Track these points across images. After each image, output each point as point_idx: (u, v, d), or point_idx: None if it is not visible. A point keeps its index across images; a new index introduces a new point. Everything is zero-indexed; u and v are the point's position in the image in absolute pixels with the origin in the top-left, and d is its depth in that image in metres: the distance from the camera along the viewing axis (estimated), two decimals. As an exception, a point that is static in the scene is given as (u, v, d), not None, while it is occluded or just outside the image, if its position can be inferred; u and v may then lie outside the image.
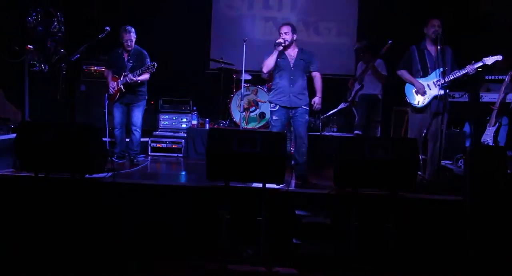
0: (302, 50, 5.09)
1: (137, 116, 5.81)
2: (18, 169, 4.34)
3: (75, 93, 7.12)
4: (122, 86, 5.65)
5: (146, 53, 5.79)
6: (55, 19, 5.88)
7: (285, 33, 4.94)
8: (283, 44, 4.90)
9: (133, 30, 5.69)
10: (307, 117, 5.09)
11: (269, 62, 4.95)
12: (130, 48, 5.72)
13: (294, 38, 5.01)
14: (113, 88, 5.70)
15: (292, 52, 5.04)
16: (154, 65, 5.52)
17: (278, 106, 5.00)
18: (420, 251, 4.10)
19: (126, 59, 5.74)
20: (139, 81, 5.64)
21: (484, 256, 3.94)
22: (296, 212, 4.19)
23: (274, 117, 5.05)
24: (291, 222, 4.17)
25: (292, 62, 5.00)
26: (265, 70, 5.04)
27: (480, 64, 4.79)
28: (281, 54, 5.00)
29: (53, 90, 6.04)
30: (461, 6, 7.43)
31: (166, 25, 7.21)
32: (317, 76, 5.11)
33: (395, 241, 3.93)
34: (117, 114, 5.80)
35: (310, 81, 5.09)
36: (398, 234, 3.96)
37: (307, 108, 5.06)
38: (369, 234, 4.04)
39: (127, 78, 5.59)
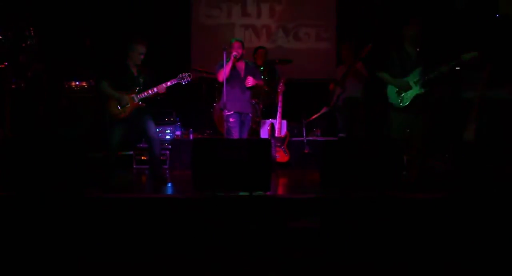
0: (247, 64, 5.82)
1: (155, 129, 5.46)
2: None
3: (58, 108, 7.07)
4: (139, 102, 5.22)
5: None
6: (27, 34, 5.74)
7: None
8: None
9: None
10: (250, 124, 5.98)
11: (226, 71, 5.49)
12: (140, 61, 5.32)
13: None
14: (128, 102, 5.18)
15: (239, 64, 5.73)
16: (190, 75, 5.26)
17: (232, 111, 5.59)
18: (407, 248, 4.13)
19: (136, 74, 5.29)
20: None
21: (471, 250, 3.99)
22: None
23: (231, 120, 5.58)
24: (280, 228, 4.18)
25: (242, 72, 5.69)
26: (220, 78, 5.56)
27: (458, 61, 4.87)
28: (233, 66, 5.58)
29: (35, 106, 5.95)
30: (437, 6, 7.55)
31: (145, 36, 7.20)
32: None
33: (384, 240, 3.96)
34: (118, 133, 5.24)
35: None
36: (386, 233, 3.99)
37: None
38: (358, 235, 4.06)
39: (158, 88, 5.18)
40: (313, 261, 3.97)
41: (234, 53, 5.49)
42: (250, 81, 5.58)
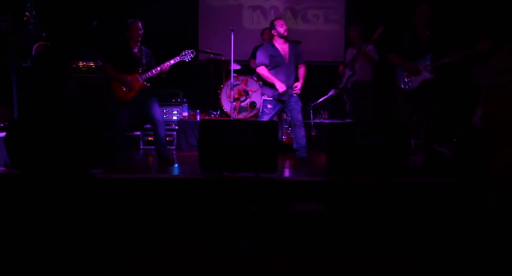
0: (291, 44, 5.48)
1: (160, 110, 5.49)
2: (10, 168, 4.31)
3: (65, 89, 7.05)
4: (145, 82, 5.26)
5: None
6: (28, 14, 5.67)
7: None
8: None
9: None
10: (300, 104, 5.48)
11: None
12: (140, 39, 5.33)
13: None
14: (132, 83, 5.23)
15: (284, 47, 5.42)
16: (193, 52, 5.22)
17: (272, 97, 5.35)
18: (414, 234, 4.13)
19: (138, 55, 5.32)
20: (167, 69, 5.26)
21: (474, 236, 3.99)
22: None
23: (269, 106, 5.33)
24: (285, 211, 4.18)
25: (287, 57, 5.38)
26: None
27: (471, 49, 4.81)
28: (275, 50, 5.34)
29: (42, 87, 5.93)
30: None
31: (152, 18, 7.15)
32: (303, 67, 5.56)
33: (389, 226, 3.96)
34: (124, 115, 5.30)
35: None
36: (393, 218, 3.98)
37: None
38: (363, 220, 4.06)
39: (162, 67, 5.21)
40: (315, 245, 3.99)
41: (282, 31, 5.35)
42: (298, 89, 5.40)
